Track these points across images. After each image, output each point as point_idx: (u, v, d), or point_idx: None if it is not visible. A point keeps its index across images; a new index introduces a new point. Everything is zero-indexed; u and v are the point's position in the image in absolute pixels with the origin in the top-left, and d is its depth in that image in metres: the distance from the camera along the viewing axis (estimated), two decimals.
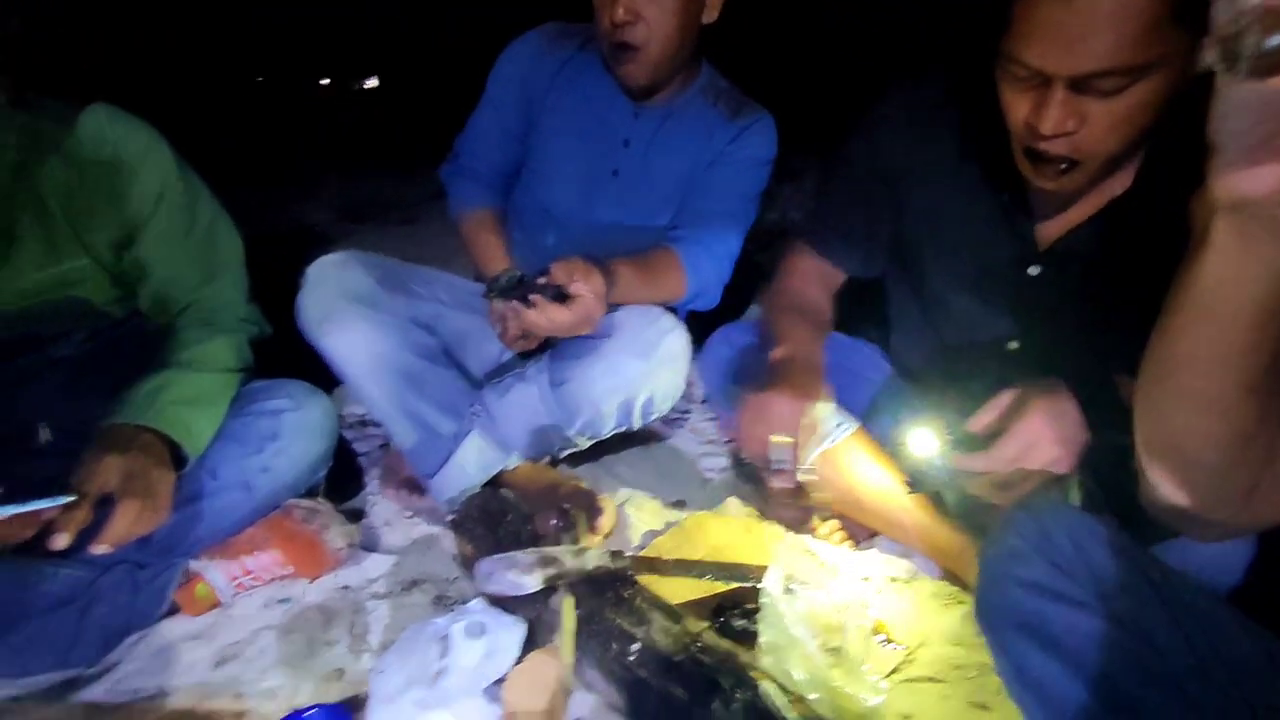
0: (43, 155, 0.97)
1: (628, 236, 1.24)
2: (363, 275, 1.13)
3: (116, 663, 0.94)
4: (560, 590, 0.83)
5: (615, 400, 1.12)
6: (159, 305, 1.09)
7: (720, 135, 1.23)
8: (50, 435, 1.03)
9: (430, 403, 1.11)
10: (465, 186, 1.31)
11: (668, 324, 1.13)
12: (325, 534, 1.06)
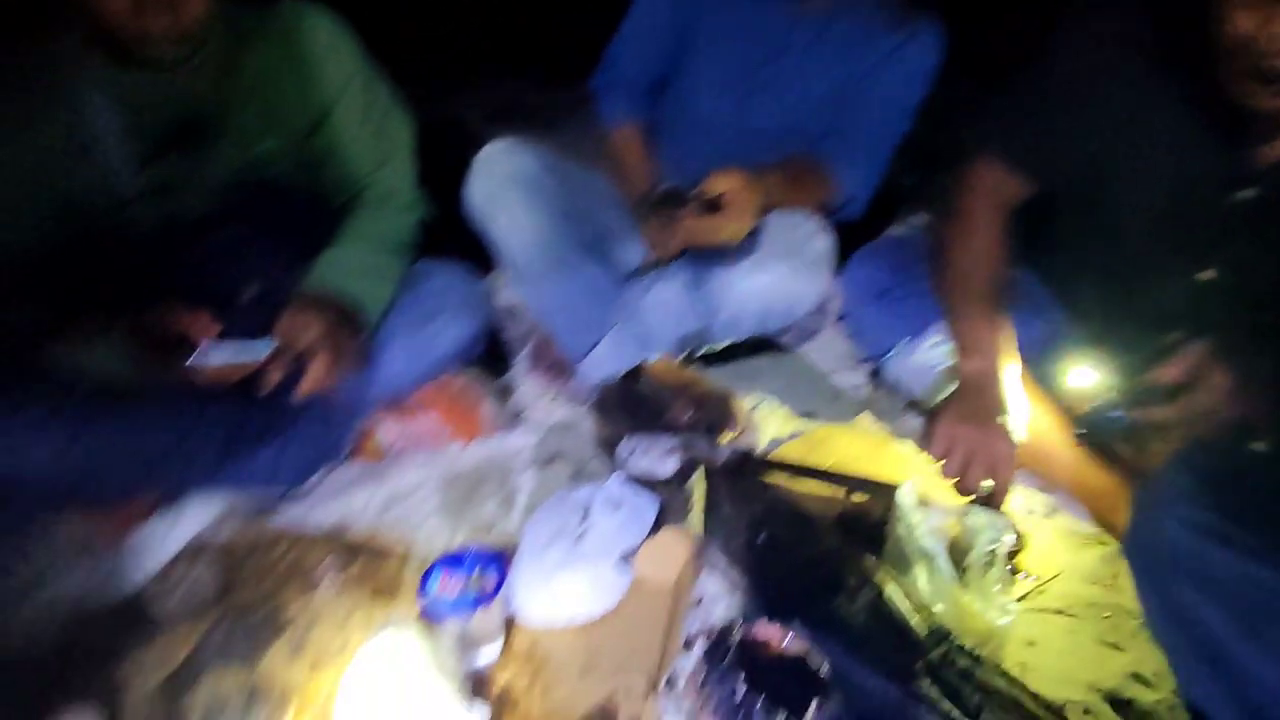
0: (244, 47, 1.05)
1: (779, 144, 1.21)
2: (530, 161, 1.17)
3: (305, 495, 1.10)
4: (695, 477, 0.87)
5: (756, 301, 1.13)
6: (339, 185, 1.18)
7: (882, 43, 1.17)
8: (252, 295, 1.17)
9: (580, 291, 1.17)
10: (616, 99, 1.32)
11: (814, 227, 1.11)
12: (478, 404, 1.16)
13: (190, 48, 0.97)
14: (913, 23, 1.16)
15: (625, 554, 0.87)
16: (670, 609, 0.83)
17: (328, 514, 1.06)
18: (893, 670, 0.70)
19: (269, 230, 1.18)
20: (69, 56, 0.95)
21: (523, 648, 0.83)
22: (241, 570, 0.95)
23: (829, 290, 1.17)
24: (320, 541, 1.01)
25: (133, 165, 1.02)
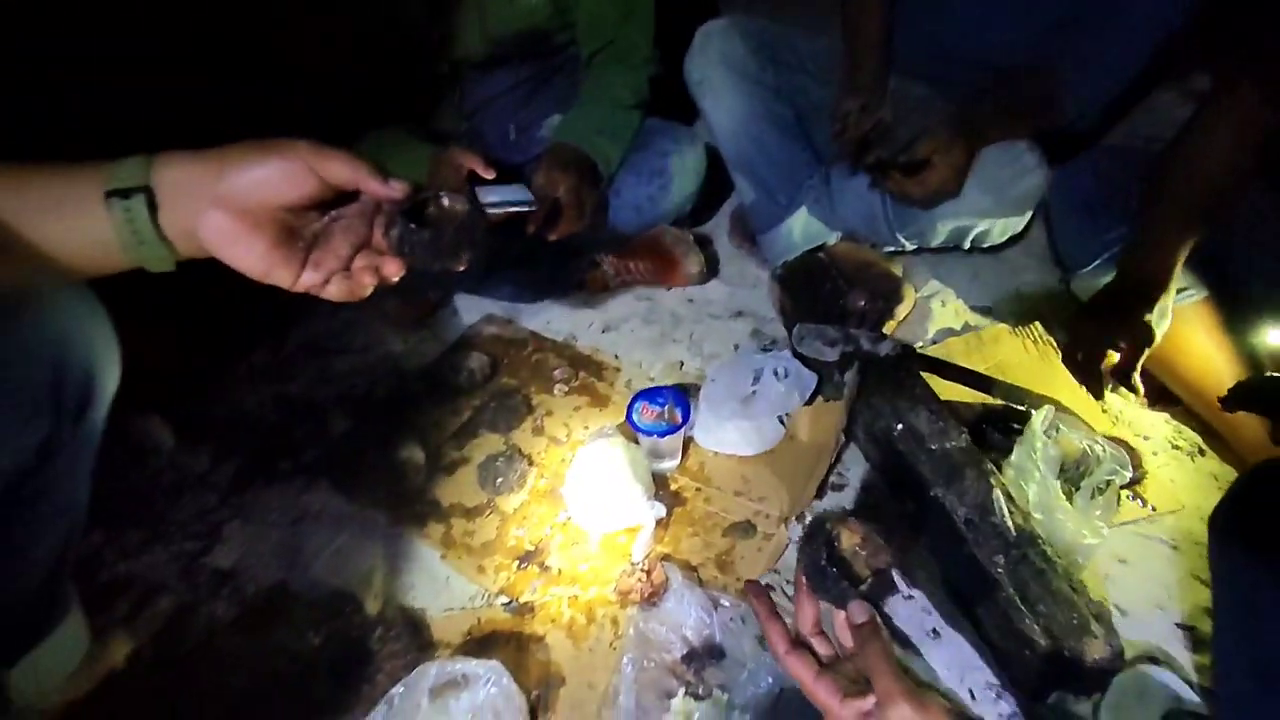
0: None
1: (1015, 39, 1.13)
2: (739, 44, 1.23)
3: (544, 311, 1.40)
4: (851, 370, 1.03)
5: (952, 223, 1.17)
6: (589, 36, 1.32)
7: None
8: (514, 135, 1.40)
9: (773, 170, 1.26)
10: None
11: (1029, 163, 1.09)
12: (684, 257, 1.36)
13: None
14: None
15: (783, 414, 1.08)
16: (811, 464, 1.05)
17: (561, 328, 1.36)
18: (975, 559, 0.87)
19: (532, 75, 1.37)
20: None
21: (695, 465, 1.10)
22: (501, 362, 1.29)
23: (1025, 221, 1.17)
24: (556, 349, 1.32)
25: (429, 17, 1.23)
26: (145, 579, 0.99)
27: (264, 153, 0.55)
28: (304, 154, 0.55)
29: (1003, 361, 1.21)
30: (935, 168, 1.04)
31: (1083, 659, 0.78)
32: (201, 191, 0.54)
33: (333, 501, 1.09)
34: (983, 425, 1.06)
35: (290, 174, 0.55)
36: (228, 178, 0.54)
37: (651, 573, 0.94)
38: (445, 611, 0.95)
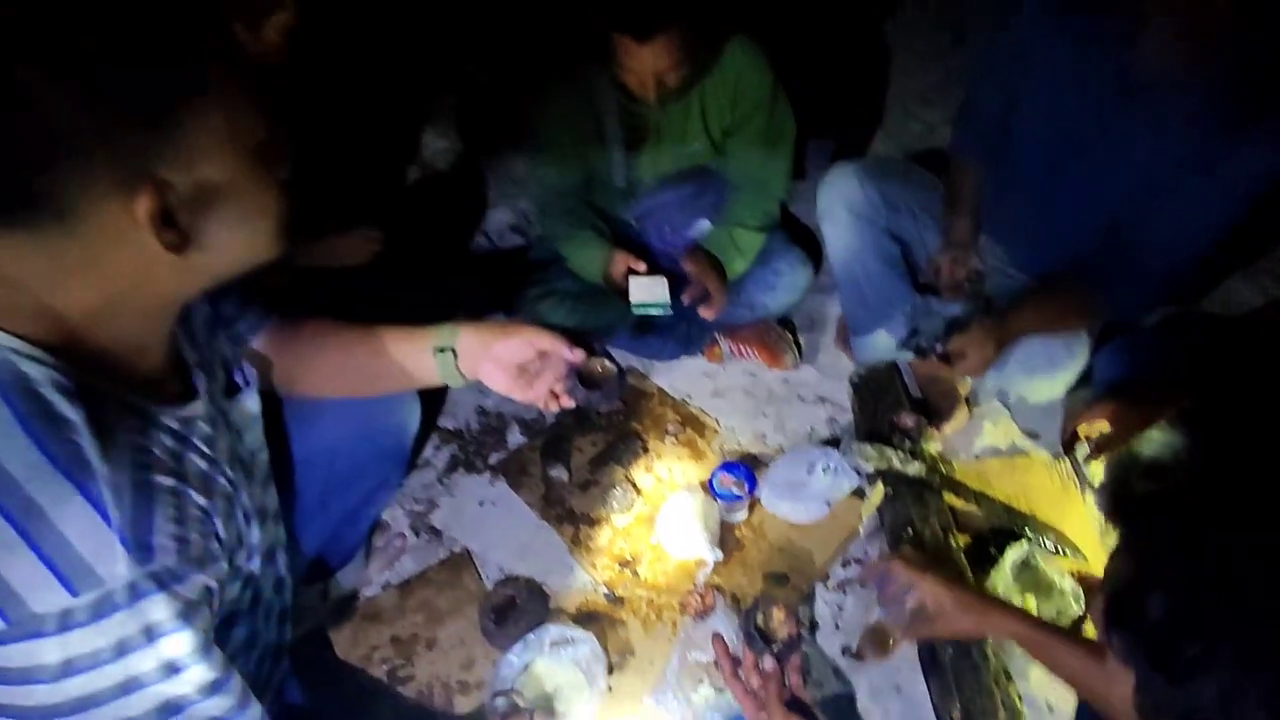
0: (700, 77, 1.53)
1: (1076, 228, 1.32)
2: (859, 189, 1.51)
3: (670, 370, 1.81)
4: (877, 485, 1.37)
5: (992, 385, 1.43)
6: (739, 171, 1.68)
7: (1208, 147, 1.09)
8: (670, 234, 1.80)
9: (873, 293, 1.56)
10: (966, 130, 1.48)
11: (1063, 358, 1.35)
12: (781, 349, 1.72)
13: (668, 94, 1.50)
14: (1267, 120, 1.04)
15: (828, 500, 1.43)
16: (841, 540, 1.40)
17: (681, 388, 1.77)
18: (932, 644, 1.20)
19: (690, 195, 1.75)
20: (603, 89, 1.55)
21: (757, 520, 1.49)
22: (632, 408, 1.73)
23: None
24: (674, 405, 1.74)
25: (621, 148, 1.65)
26: (390, 526, 1.55)
27: (511, 335, 0.99)
28: (530, 335, 0.99)
29: (1030, 486, 1.47)
30: (966, 358, 1.29)
31: None
32: (480, 351, 0.99)
33: (505, 494, 1.59)
34: (985, 539, 1.36)
35: (522, 346, 0.99)
36: (493, 346, 0.99)
37: (705, 597, 1.36)
38: (566, 589, 1.43)
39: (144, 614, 0.59)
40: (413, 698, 1.30)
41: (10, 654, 0.56)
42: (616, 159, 1.64)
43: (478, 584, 1.45)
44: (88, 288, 0.61)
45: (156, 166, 0.57)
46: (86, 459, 0.58)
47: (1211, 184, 1.13)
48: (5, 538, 0.55)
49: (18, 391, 0.58)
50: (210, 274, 0.68)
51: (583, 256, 1.67)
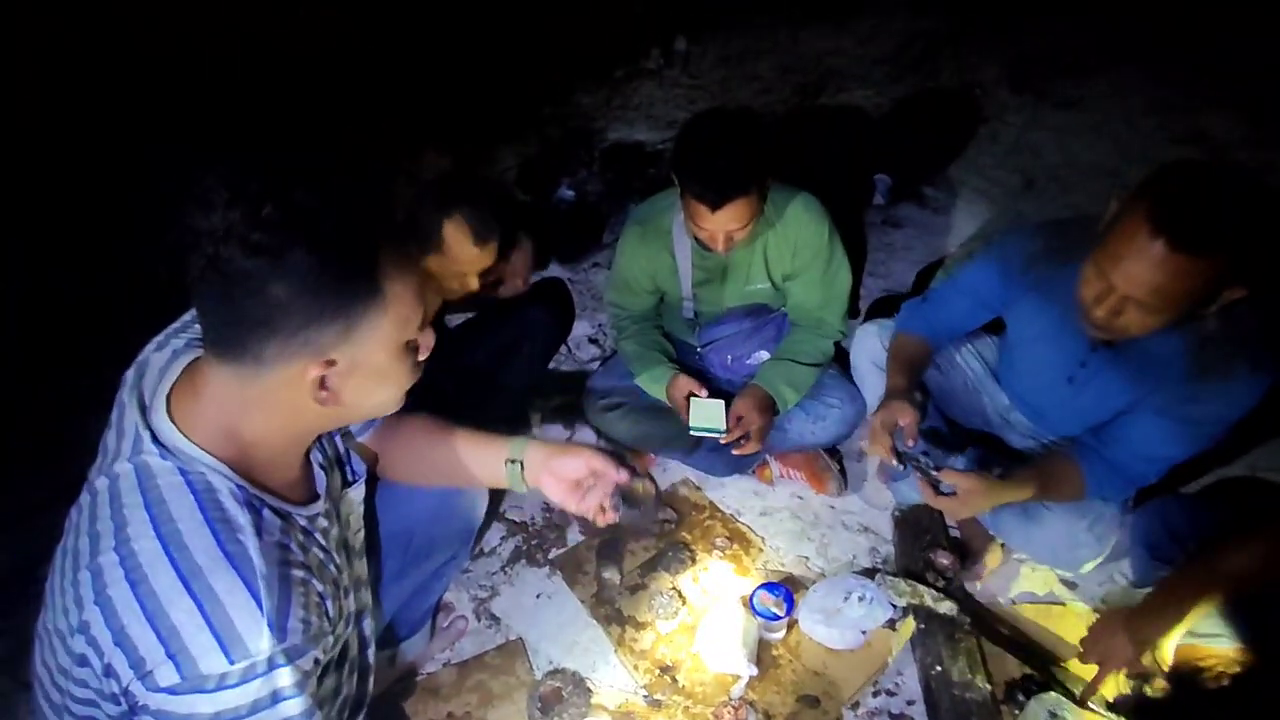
0: (764, 225, 1.75)
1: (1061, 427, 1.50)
2: (879, 347, 1.69)
3: (721, 486, 1.95)
4: (908, 619, 1.44)
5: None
6: (797, 311, 1.86)
7: (1169, 385, 1.28)
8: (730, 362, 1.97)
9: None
10: (914, 322, 1.65)
11: (1085, 540, 1.44)
12: (828, 474, 1.83)
13: (733, 245, 1.71)
14: (1220, 377, 1.23)
15: (863, 630, 1.51)
16: (873, 670, 1.47)
17: (731, 504, 1.90)
18: None
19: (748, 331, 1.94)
20: (680, 241, 1.79)
21: (794, 641, 1.57)
22: (685, 518, 1.86)
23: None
24: (723, 519, 1.86)
25: (690, 286, 1.87)
26: (454, 608, 1.70)
27: (569, 454, 1.16)
28: (586, 455, 1.16)
29: (1064, 636, 1.50)
30: (958, 499, 1.35)
31: None
32: (542, 465, 1.16)
33: (561, 589, 1.73)
34: (1015, 685, 1.40)
35: (578, 464, 1.16)
36: (553, 463, 1.16)
37: (738, 710, 1.44)
38: (609, 687, 1.53)
39: (274, 681, 0.78)
40: None
41: (178, 703, 0.75)
42: (686, 296, 1.86)
43: (528, 672, 1.57)
44: (260, 415, 0.84)
45: (331, 348, 0.80)
46: (250, 556, 0.79)
47: (1168, 425, 1.31)
48: (192, 614, 0.75)
49: (206, 498, 0.80)
50: (344, 420, 0.95)
51: (649, 376, 1.86)
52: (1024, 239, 1.44)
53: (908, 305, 1.69)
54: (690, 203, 1.59)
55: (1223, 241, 1.08)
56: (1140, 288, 1.13)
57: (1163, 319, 1.17)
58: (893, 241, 2.76)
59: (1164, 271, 1.10)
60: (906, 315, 1.68)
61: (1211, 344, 1.25)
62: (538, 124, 3.50)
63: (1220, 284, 1.12)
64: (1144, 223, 1.10)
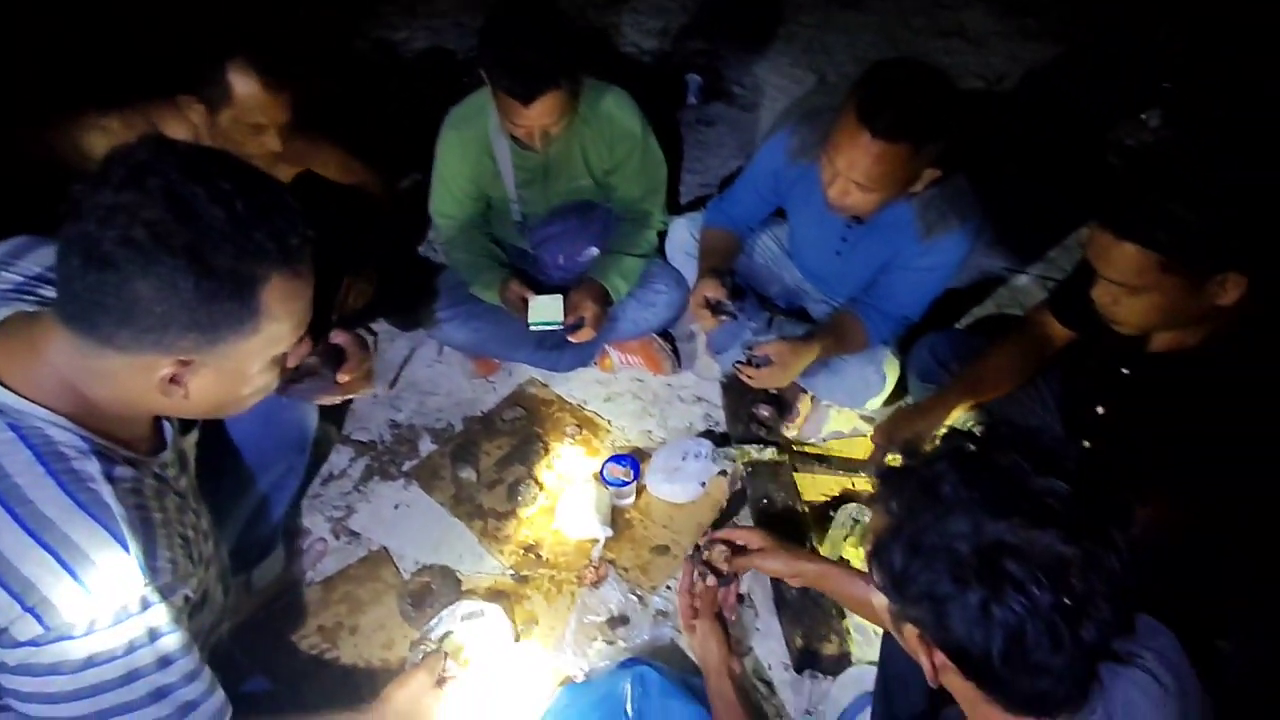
0: (580, 122, 1.79)
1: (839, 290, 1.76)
2: (689, 236, 1.86)
3: (566, 380, 2.04)
4: (736, 467, 1.64)
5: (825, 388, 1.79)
6: (620, 205, 1.94)
7: (908, 248, 1.55)
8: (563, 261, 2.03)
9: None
10: (717, 219, 1.84)
11: (873, 378, 1.71)
12: (663, 356, 1.98)
13: (551, 140, 1.74)
14: (940, 232, 1.50)
15: (701, 481, 1.69)
16: (710, 513, 1.66)
17: (577, 395, 2.00)
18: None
19: (578, 226, 2.00)
20: (498, 142, 1.79)
21: (644, 503, 1.72)
22: (535, 414, 1.94)
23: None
24: (571, 410, 1.96)
25: (514, 188, 1.88)
26: (310, 531, 1.69)
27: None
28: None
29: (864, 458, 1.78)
30: (776, 367, 1.57)
31: (820, 653, 1.37)
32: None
33: (419, 497, 1.76)
34: (826, 504, 1.65)
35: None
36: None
37: (599, 569, 1.57)
38: (476, 573, 1.61)
39: (149, 619, 0.79)
40: (338, 676, 1.44)
41: (43, 653, 0.75)
42: (511, 198, 1.87)
43: (395, 576, 1.61)
44: (106, 389, 0.80)
45: (191, 352, 0.77)
46: (106, 502, 0.77)
47: (914, 275, 1.59)
48: (47, 564, 0.73)
49: (48, 452, 0.77)
50: (189, 412, 0.89)
51: (482, 283, 1.89)
52: (786, 136, 1.63)
53: (711, 204, 1.85)
54: (503, 99, 1.59)
55: (914, 130, 1.30)
56: (855, 171, 1.36)
57: (879, 197, 1.41)
58: (706, 139, 2.89)
59: (870, 156, 1.32)
60: (710, 212, 1.84)
61: (931, 208, 1.51)
62: (342, 37, 3.24)
63: (920, 164, 1.37)
64: (852, 116, 1.31)
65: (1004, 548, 0.65)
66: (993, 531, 0.66)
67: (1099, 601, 0.64)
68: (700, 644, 1.21)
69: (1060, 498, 0.67)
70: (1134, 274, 1.07)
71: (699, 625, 1.21)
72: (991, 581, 0.64)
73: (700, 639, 1.20)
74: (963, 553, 0.67)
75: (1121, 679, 0.75)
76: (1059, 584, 0.63)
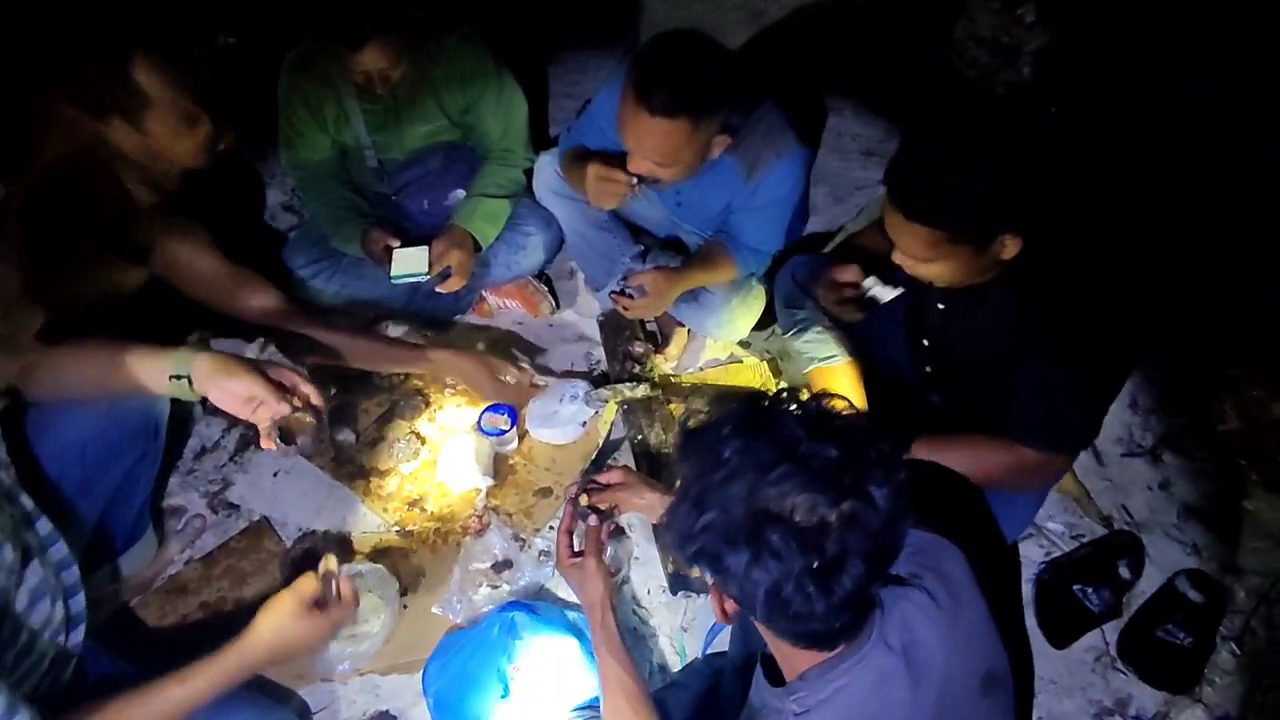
0: (425, 70, 1.69)
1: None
2: (554, 174, 1.78)
3: (453, 323, 2.01)
4: (609, 405, 1.68)
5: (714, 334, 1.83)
6: (480, 145, 1.87)
7: (739, 191, 1.59)
8: (427, 206, 1.95)
9: (595, 256, 1.85)
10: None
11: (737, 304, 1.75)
12: (539, 300, 1.96)
13: (394, 84, 1.65)
14: (762, 169, 1.53)
15: (581, 423, 1.72)
16: (590, 452, 1.70)
17: (461, 337, 1.98)
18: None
19: (441, 169, 1.91)
20: (343, 87, 1.68)
21: (526, 447, 1.75)
22: None
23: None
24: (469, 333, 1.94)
25: (366, 133, 1.78)
26: (185, 509, 1.66)
27: (234, 374, 1.13)
28: (249, 380, 1.14)
29: (739, 384, 1.83)
30: (647, 298, 1.60)
31: (690, 575, 1.46)
32: (209, 380, 1.13)
33: (299, 463, 1.74)
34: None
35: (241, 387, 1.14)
36: (218, 379, 1.12)
37: (482, 517, 1.61)
38: (362, 533, 1.62)
39: None
40: None
41: None
42: (365, 144, 1.78)
43: (278, 544, 1.61)
44: None
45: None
46: None
47: (755, 214, 1.64)
48: None
49: None
50: None
51: (342, 236, 1.81)
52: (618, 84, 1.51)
53: (563, 135, 1.80)
54: (338, 48, 1.53)
55: (689, 105, 1.32)
56: (644, 149, 1.39)
57: (680, 170, 1.44)
58: (585, 61, 2.77)
59: (653, 135, 1.35)
60: (564, 145, 1.78)
61: (749, 151, 1.54)
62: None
63: (706, 135, 1.40)
64: (631, 95, 1.33)
65: (768, 515, 0.70)
66: (761, 498, 0.70)
67: (853, 560, 0.70)
68: (586, 581, 1.23)
69: (828, 462, 0.71)
70: (925, 248, 1.16)
71: (586, 563, 1.24)
72: (754, 546, 0.70)
73: (587, 576, 1.23)
74: (736, 516, 0.71)
75: (901, 600, 0.83)
76: (813, 548, 0.69)
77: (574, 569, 1.26)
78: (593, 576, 1.23)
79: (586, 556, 1.25)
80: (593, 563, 1.24)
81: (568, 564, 1.26)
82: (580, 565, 1.25)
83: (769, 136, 1.54)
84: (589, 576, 1.23)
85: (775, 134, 1.54)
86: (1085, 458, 1.71)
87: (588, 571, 1.24)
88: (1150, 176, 1.77)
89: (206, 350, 1.15)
